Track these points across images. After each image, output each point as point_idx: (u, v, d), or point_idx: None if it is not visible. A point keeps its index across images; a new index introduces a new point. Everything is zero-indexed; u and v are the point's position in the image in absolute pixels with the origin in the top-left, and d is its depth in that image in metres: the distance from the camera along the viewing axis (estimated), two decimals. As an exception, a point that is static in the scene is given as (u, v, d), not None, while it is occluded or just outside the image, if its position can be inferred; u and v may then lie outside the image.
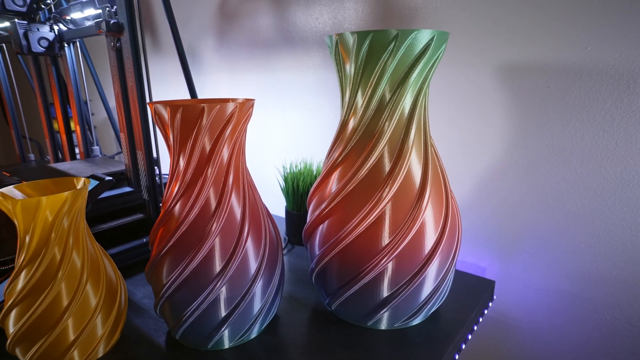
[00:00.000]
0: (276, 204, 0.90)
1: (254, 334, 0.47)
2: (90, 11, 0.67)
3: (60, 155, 0.93)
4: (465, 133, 0.63)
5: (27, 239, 0.39)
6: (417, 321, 0.50)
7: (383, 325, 0.49)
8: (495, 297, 0.62)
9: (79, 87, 0.78)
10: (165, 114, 0.39)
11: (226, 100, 0.44)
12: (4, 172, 0.69)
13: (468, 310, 0.52)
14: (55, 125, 0.92)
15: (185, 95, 1.02)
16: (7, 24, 0.89)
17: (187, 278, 0.41)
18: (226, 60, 0.95)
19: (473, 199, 0.65)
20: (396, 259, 0.44)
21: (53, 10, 0.73)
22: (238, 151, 0.43)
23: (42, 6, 0.70)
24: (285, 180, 0.71)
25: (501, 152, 0.61)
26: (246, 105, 0.41)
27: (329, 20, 0.74)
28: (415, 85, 0.43)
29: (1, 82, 1.02)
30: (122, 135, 0.66)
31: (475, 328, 0.52)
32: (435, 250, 0.45)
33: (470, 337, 0.51)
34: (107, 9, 0.59)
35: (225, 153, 0.42)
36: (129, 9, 0.56)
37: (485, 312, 0.56)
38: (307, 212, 0.70)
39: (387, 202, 0.44)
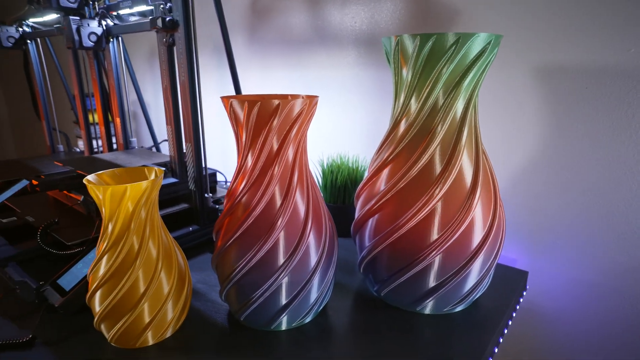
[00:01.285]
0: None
1: (309, 318, 0.50)
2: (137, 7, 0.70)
3: (95, 146, 0.96)
4: (500, 129, 0.66)
5: (110, 226, 0.42)
6: (460, 308, 0.53)
7: (429, 311, 0.52)
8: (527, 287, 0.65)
9: (120, 80, 0.80)
10: (242, 109, 0.42)
11: (295, 97, 0.46)
12: (55, 162, 0.71)
13: (507, 298, 0.55)
14: (91, 118, 0.94)
15: (221, 90, 1.05)
16: (45, 18, 0.91)
17: (252, 267, 0.44)
18: (256, 57, 0.97)
19: (505, 192, 0.68)
20: (444, 253, 0.47)
21: (98, 7, 0.75)
22: (302, 148, 0.46)
23: (91, 2, 0.72)
24: (323, 174, 0.74)
25: (535, 149, 0.64)
26: (313, 102, 0.44)
27: (365, 20, 0.77)
28: (468, 88, 0.46)
29: (35, 76, 1.04)
30: (169, 128, 0.68)
31: (514, 315, 0.55)
32: (482, 247, 0.47)
33: (510, 323, 0.54)
34: (161, 6, 0.61)
35: (290, 151, 0.44)
36: (185, 6, 0.59)
37: (521, 300, 0.59)
38: (344, 204, 0.73)
39: (438, 200, 0.46)
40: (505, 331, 0.52)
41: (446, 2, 0.67)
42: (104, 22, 0.72)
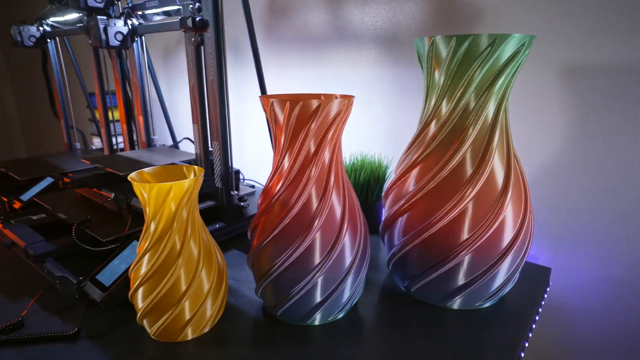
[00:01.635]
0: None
1: (342, 314, 0.51)
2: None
3: (115, 143, 0.97)
4: (523, 127, 0.67)
5: (153, 225, 0.43)
6: (488, 304, 0.54)
7: (458, 306, 0.53)
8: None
9: (144, 79, 0.81)
10: (282, 109, 0.43)
11: (331, 97, 0.47)
12: (82, 160, 0.72)
13: (532, 294, 0.56)
14: (111, 115, 0.95)
15: (240, 89, 1.05)
16: (66, 17, 0.92)
17: (289, 266, 0.45)
18: (274, 55, 0.98)
19: (528, 191, 0.69)
20: (474, 252, 0.48)
21: (122, 7, 0.76)
22: (338, 150, 0.47)
23: (116, 2, 0.73)
24: (346, 171, 0.75)
25: (558, 147, 0.65)
26: (350, 102, 0.45)
27: (386, 19, 0.77)
28: (500, 91, 0.47)
29: (54, 75, 1.05)
30: (195, 126, 0.69)
31: (540, 310, 0.56)
32: (511, 246, 0.48)
33: (537, 318, 0.55)
34: (190, 6, 0.62)
35: (327, 153, 0.45)
36: (215, 6, 0.60)
37: (545, 297, 0.60)
38: (366, 201, 0.74)
39: (470, 201, 0.47)
40: (534, 326, 0.53)
41: (469, 1, 0.67)
42: (129, 22, 0.73)
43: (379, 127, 0.85)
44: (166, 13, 0.74)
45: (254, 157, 1.09)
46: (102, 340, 0.46)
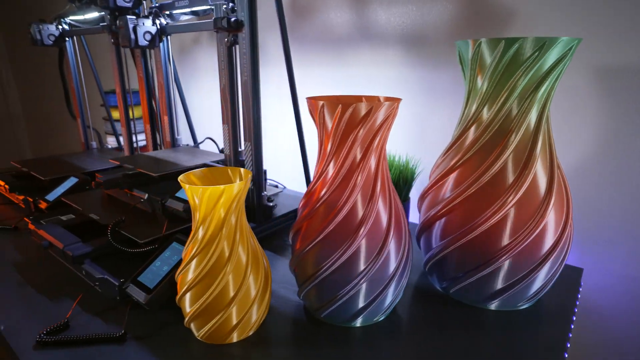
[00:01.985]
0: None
1: (383, 317, 0.51)
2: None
3: (135, 143, 0.96)
4: (555, 127, 0.67)
5: (202, 230, 0.43)
6: (526, 306, 0.54)
7: (496, 307, 0.53)
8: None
9: (169, 78, 0.81)
10: (333, 112, 0.43)
11: (377, 99, 0.47)
12: (110, 160, 0.72)
13: (566, 294, 0.56)
14: (131, 114, 0.95)
15: (271, 91, 1.05)
16: (86, 16, 0.91)
17: (334, 271, 0.45)
18: (296, 55, 0.98)
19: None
20: (514, 257, 0.48)
21: (148, 6, 0.75)
22: (383, 155, 0.46)
23: (144, 1, 0.73)
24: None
25: (590, 149, 0.65)
26: (397, 105, 0.45)
27: (414, 20, 0.77)
28: (543, 96, 0.47)
29: (72, 74, 1.05)
30: (225, 127, 0.69)
31: (576, 310, 0.57)
32: (551, 252, 0.48)
33: (574, 318, 0.55)
34: (224, 6, 0.61)
35: (373, 159, 0.45)
36: (251, 7, 0.59)
37: (579, 297, 0.60)
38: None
39: (511, 207, 0.47)
40: (572, 326, 0.53)
41: (500, 3, 0.67)
42: (157, 21, 0.72)
43: (402, 127, 0.85)
44: (194, 12, 0.74)
45: (271, 156, 1.09)
46: (148, 341, 0.46)
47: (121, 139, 1.26)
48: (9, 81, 2.24)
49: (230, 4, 0.62)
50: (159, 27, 0.72)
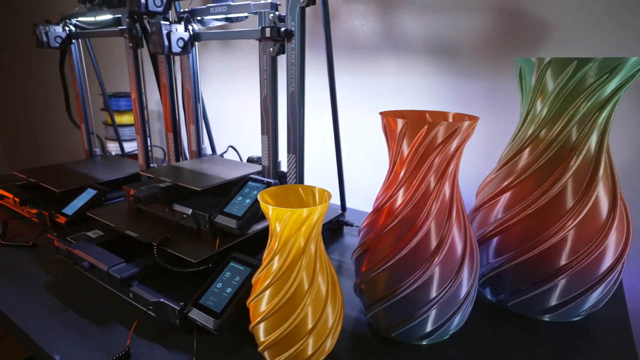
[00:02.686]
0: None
1: (448, 336, 0.51)
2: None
3: (148, 151, 0.92)
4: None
5: (278, 259, 0.41)
6: (579, 318, 0.55)
7: (549, 319, 0.54)
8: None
9: (197, 86, 0.78)
10: (416, 131, 0.42)
11: (460, 117, 0.47)
12: (141, 172, 0.69)
13: (617, 305, 0.58)
14: (120, 119, 0.91)
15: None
16: (98, 18, 0.87)
17: (402, 297, 0.45)
18: (314, 61, 0.96)
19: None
20: (570, 277, 0.49)
21: (177, 13, 0.72)
22: (456, 180, 0.46)
23: (174, 5, 0.70)
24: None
25: (629, 156, 0.67)
26: (475, 124, 0.44)
27: (447, 33, 0.78)
28: (603, 120, 0.47)
29: (76, 78, 0.99)
30: (265, 138, 0.67)
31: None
32: (609, 274, 0.49)
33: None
34: (271, 15, 0.60)
35: (447, 186, 0.44)
36: (302, 17, 0.58)
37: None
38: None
39: (571, 229, 0.48)
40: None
41: (536, 16, 0.69)
42: (189, 27, 0.69)
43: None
44: (228, 19, 0.71)
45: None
46: (221, 369, 0.44)
47: (125, 145, 1.21)
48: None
49: (276, 13, 0.60)
50: (191, 33, 0.69)
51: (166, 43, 0.65)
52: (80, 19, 0.92)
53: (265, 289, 0.42)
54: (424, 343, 0.49)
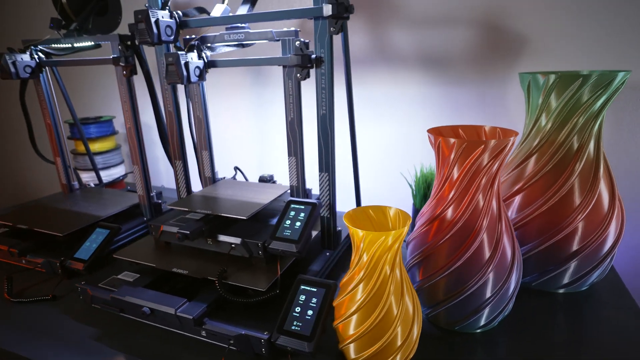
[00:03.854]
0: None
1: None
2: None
3: (161, 181, 0.89)
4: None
5: (362, 288, 0.45)
6: (585, 287, 0.65)
7: (563, 291, 0.64)
8: None
9: (208, 112, 0.77)
10: (472, 151, 0.48)
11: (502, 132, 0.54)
12: (169, 206, 0.67)
13: (612, 273, 0.70)
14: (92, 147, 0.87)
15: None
16: (78, 44, 0.81)
17: (462, 300, 0.52)
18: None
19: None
20: (580, 259, 0.59)
21: (184, 39, 0.71)
22: (500, 194, 0.52)
23: (190, 36, 0.68)
24: (418, 183, 0.82)
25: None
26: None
27: (436, 45, 0.85)
28: (598, 127, 0.57)
29: (47, 108, 0.92)
30: (292, 159, 0.69)
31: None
32: (609, 254, 0.60)
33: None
34: (297, 42, 0.62)
35: (494, 200, 0.51)
36: (330, 44, 0.61)
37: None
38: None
39: (579, 222, 0.58)
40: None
41: (516, 31, 0.79)
42: (203, 55, 0.69)
43: (425, 141, 0.93)
44: (240, 44, 0.72)
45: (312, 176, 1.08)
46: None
47: (104, 174, 1.13)
48: None
49: (301, 39, 0.62)
50: (205, 60, 0.69)
51: (185, 73, 0.64)
52: (54, 45, 0.85)
53: (355, 312, 0.45)
54: (478, 331, 0.56)
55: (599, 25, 0.73)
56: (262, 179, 0.84)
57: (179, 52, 0.64)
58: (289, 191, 0.73)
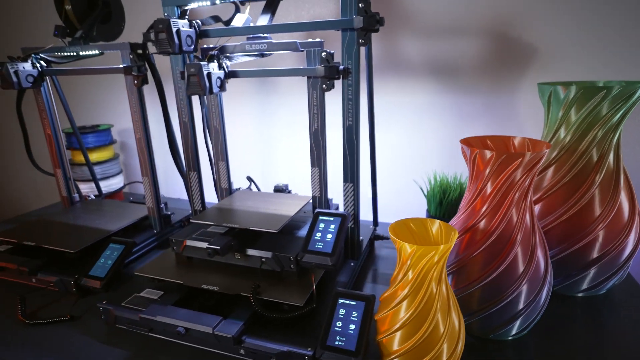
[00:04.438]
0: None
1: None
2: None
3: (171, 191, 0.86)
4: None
5: (406, 306, 0.45)
6: (603, 292, 0.68)
7: (582, 295, 0.66)
8: None
9: (225, 122, 0.75)
10: (509, 164, 0.49)
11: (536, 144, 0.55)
12: (192, 221, 0.65)
13: (627, 279, 0.73)
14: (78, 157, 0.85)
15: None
16: (84, 52, 0.79)
17: (496, 311, 0.53)
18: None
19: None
20: (599, 266, 0.62)
21: (200, 48, 0.70)
22: (533, 207, 0.53)
23: (208, 46, 0.67)
24: (433, 190, 0.83)
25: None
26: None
27: (445, 54, 0.87)
28: (617, 139, 0.59)
29: (48, 119, 0.88)
30: (315, 170, 0.69)
31: None
32: (628, 260, 0.62)
33: None
34: (323, 53, 0.62)
35: (528, 213, 0.52)
36: (357, 55, 0.61)
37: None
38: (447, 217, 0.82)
39: (599, 231, 0.60)
40: None
41: (525, 40, 0.81)
42: (224, 65, 0.67)
43: (432, 149, 0.95)
44: (260, 54, 0.71)
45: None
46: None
47: (102, 184, 1.10)
48: None
49: (328, 51, 0.62)
50: (226, 70, 0.67)
51: (207, 84, 0.63)
52: (57, 54, 0.82)
53: (398, 329, 0.46)
54: (509, 339, 0.57)
55: (609, 34, 0.76)
56: (278, 189, 0.83)
57: (202, 63, 0.62)
58: (310, 201, 0.73)
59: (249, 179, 0.90)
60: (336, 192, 0.99)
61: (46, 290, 0.70)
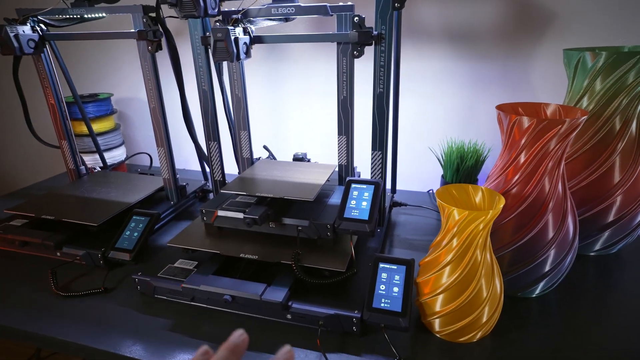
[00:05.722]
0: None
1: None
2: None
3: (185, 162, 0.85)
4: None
5: (449, 271, 0.48)
6: (615, 250, 0.72)
7: (594, 254, 0.70)
8: None
9: (246, 90, 0.73)
10: (547, 129, 0.50)
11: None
12: (222, 191, 0.64)
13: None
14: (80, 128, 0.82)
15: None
16: (89, 15, 0.74)
17: (527, 270, 0.55)
18: (328, 48, 0.96)
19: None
20: (614, 228, 0.65)
21: (221, 13, 0.66)
22: (565, 176, 0.55)
23: (233, 9, 0.64)
24: (449, 156, 0.84)
25: None
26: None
27: (462, 20, 0.85)
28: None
29: (51, 87, 0.84)
30: (342, 138, 0.69)
31: None
32: None
33: None
34: (356, 18, 0.60)
35: (560, 182, 0.53)
36: (390, 20, 0.60)
37: None
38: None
39: (618, 196, 0.63)
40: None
41: (544, 5, 0.80)
42: (249, 30, 0.65)
43: (447, 116, 0.95)
44: (282, 17, 0.68)
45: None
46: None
47: (107, 156, 1.07)
48: None
49: (358, 16, 0.60)
50: (251, 35, 0.65)
51: (234, 50, 0.61)
52: (58, 16, 0.77)
53: (440, 292, 0.49)
54: (533, 296, 0.61)
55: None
56: (297, 158, 0.83)
57: (229, 27, 0.60)
58: (336, 169, 0.73)
59: (266, 147, 0.89)
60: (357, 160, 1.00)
61: (72, 263, 0.69)
